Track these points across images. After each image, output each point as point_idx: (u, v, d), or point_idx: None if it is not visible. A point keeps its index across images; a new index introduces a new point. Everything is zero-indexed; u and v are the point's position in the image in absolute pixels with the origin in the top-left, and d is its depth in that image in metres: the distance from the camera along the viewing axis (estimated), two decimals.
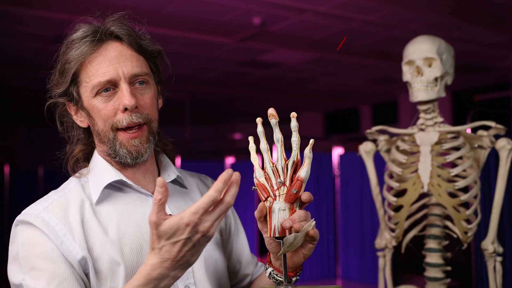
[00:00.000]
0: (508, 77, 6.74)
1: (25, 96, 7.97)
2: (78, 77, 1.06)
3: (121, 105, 1.04)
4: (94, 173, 1.10)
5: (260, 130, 0.97)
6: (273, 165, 0.96)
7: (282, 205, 0.92)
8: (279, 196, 0.93)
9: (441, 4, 4.24)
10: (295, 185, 0.93)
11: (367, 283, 3.98)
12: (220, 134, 11.69)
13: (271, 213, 0.93)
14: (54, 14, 4.17)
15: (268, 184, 0.95)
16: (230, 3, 4.10)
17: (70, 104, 1.10)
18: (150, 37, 1.13)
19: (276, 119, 0.95)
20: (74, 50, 1.05)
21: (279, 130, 0.96)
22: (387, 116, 9.03)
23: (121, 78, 1.04)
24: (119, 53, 1.05)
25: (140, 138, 1.06)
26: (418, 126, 1.93)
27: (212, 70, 6.62)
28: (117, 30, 1.07)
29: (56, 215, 1.02)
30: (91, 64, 1.04)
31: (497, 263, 1.83)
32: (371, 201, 3.90)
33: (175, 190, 1.17)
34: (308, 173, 0.93)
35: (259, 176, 0.96)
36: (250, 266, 1.28)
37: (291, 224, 0.90)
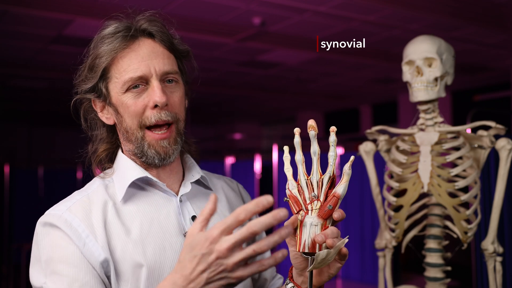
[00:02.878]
0: (508, 77, 6.74)
1: (25, 96, 7.97)
2: (108, 73, 1.05)
3: (152, 102, 1.03)
4: (118, 172, 1.09)
5: (297, 141, 0.95)
6: (307, 178, 0.94)
7: (315, 220, 0.90)
8: (312, 211, 0.91)
9: (441, 4, 4.24)
10: (331, 201, 0.90)
11: (367, 283, 3.98)
12: (220, 134, 11.69)
13: (302, 227, 0.90)
14: (54, 14, 4.17)
15: (301, 197, 0.93)
16: (230, 3, 4.10)
17: (97, 100, 1.09)
18: (180, 37, 1.13)
19: (315, 131, 0.93)
20: (106, 45, 1.04)
21: (317, 143, 0.94)
22: (387, 116, 9.03)
23: (152, 75, 1.03)
24: (152, 50, 1.05)
25: (168, 139, 1.05)
26: (418, 126, 1.93)
27: (212, 70, 6.62)
28: (149, 27, 1.06)
29: (78, 216, 1.00)
30: (122, 59, 1.03)
31: (497, 263, 1.83)
32: (371, 201, 3.90)
33: (199, 191, 1.16)
34: (345, 191, 0.91)
35: (292, 187, 0.94)
36: (268, 271, 1.25)
37: (324, 240, 0.87)
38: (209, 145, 10.38)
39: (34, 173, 7.12)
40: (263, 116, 11.29)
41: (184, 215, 1.08)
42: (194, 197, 1.13)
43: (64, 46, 5.22)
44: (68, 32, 4.69)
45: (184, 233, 1.05)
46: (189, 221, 1.07)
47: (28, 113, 9.69)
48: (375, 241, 2.08)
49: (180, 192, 1.10)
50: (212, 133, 12.22)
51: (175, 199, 1.09)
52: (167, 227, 1.05)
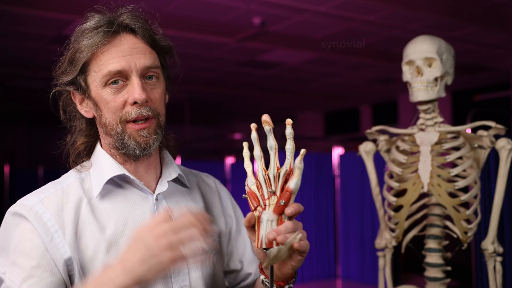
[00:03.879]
0: (508, 77, 6.74)
1: (25, 96, 7.97)
2: (87, 66, 1.05)
3: (131, 98, 1.02)
4: (96, 167, 1.08)
5: (254, 136, 0.94)
6: (265, 173, 0.93)
7: (271, 216, 0.90)
8: (269, 206, 0.91)
9: (441, 4, 4.24)
10: (284, 197, 0.90)
11: (367, 283, 3.97)
12: (220, 134, 11.69)
13: (259, 223, 0.91)
14: (54, 14, 4.17)
15: (259, 193, 0.92)
16: (230, 3, 4.10)
17: (76, 93, 1.08)
18: (162, 32, 1.12)
19: (270, 126, 0.92)
20: (87, 39, 1.03)
21: (273, 137, 0.93)
22: (387, 116, 9.03)
23: (132, 71, 1.03)
24: (133, 46, 1.04)
25: (148, 129, 1.05)
26: (418, 126, 1.93)
27: (212, 70, 6.62)
28: (132, 22, 1.05)
29: (50, 210, 1.00)
30: (103, 54, 1.03)
31: (497, 263, 1.83)
32: (371, 201, 3.90)
33: (175, 189, 1.16)
34: (297, 185, 0.91)
35: (251, 184, 0.93)
36: (252, 265, 1.27)
37: (275, 236, 0.88)
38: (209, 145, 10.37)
39: (34, 173, 7.12)
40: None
41: (159, 214, 1.09)
42: (171, 196, 1.13)
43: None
44: (68, 32, 4.69)
45: None
46: None
47: (28, 113, 9.69)
48: (375, 241, 2.08)
49: (156, 191, 1.10)
50: (212, 133, 12.22)
51: (151, 198, 1.09)
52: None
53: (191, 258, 0.87)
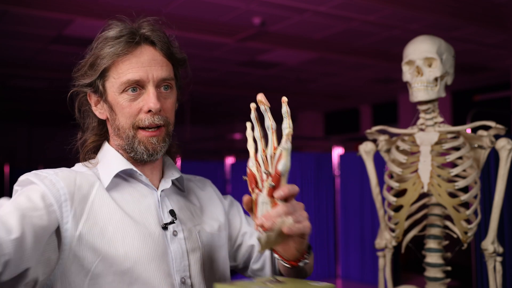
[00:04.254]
0: (508, 77, 6.74)
1: (25, 96, 7.97)
2: (107, 72, 1.10)
3: (146, 107, 1.08)
4: (104, 163, 1.14)
5: (253, 116, 0.94)
6: (264, 153, 0.91)
7: (265, 198, 0.88)
8: (265, 189, 0.89)
9: (441, 4, 4.24)
10: (273, 179, 0.88)
11: (367, 283, 3.97)
12: (220, 134, 11.69)
13: (256, 206, 0.90)
14: (54, 14, 4.18)
15: (259, 174, 0.91)
16: (230, 3, 4.10)
17: (92, 95, 1.14)
18: (178, 45, 1.19)
19: (266, 106, 0.91)
20: (109, 47, 1.09)
21: (270, 116, 0.92)
22: (387, 116, 9.03)
23: (149, 81, 1.09)
24: (152, 57, 1.10)
25: (158, 137, 1.11)
26: (418, 126, 1.93)
27: (212, 70, 6.62)
28: (152, 35, 1.12)
29: (64, 181, 1.05)
30: (123, 63, 1.09)
31: (497, 263, 1.83)
32: (371, 201, 3.90)
33: (175, 191, 1.22)
34: (285, 166, 0.87)
35: (251, 165, 0.92)
36: (252, 237, 1.29)
37: (263, 222, 0.87)
38: (209, 145, 10.37)
39: None
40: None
41: (163, 209, 1.14)
42: (171, 195, 1.19)
43: (64, 46, 5.22)
44: (68, 32, 4.69)
45: (162, 225, 1.11)
46: (167, 215, 1.13)
47: (28, 113, 9.69)
48: (375, 241, 2.08)
49: (160, 187, 1.16)
50: (212, 133, 12.22)
51: (156, 193, 1.15)
52: (147, 218, 1.10)
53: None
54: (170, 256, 1.09)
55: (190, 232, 1.14)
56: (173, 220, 1.11)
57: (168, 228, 1.11)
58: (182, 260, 1.10)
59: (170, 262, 1.08)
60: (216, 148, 10.05)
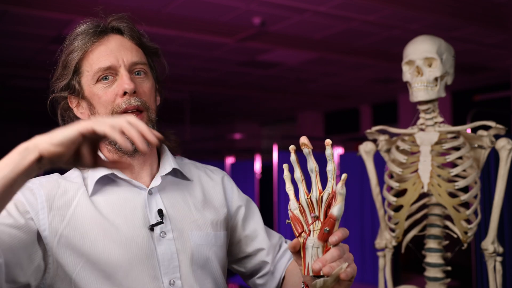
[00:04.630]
0: (508, 77, 6.74)
1: (25, 96, 7.97)
2: (80, 68, 1.11)
3: (121, 89, 1.08)
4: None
5: (294, 159, 0.91)
6: (307, 196, 0.90)
7: (316, 243, 0.87)
8: (313, 232, 0.88)
9: (441, 4, 4.24)
10: (327, 224, 0.87)
11: (367, 283, 3.97)
12: (220, 134, 11.69)
13: (305, 250, 0.88)
14: (54, 14, 4.17)
15: (303, 218, 0.90)
16: (230, 3, 4.10)
17: (72, 97, 1.14)
18: (149, 37, 1.20)
19: (309, 149, 0.89)
20: (77, 41, 1.11)
21: (313, 159, 0.90)
22: (387, 116, 9.03)
23: (121, 66, 1.09)
24: (120, 44, 1.12)
25: None
26: (418, 126, 1.93)
27: (212, 70, 6.62)
28: (118, 24, 1.14)
29: (44, 190, 1.05)
30: (92, 53, 1.10)
31: (497, 263, 1.83)
32: (371, 201, 3.90)
33: (173, 182, 1.18)
34: (341, 211, 0.87)
35: (294, 208, 0.90)
36: (269, 254, 1.25)
37: (321, 267, 0.85)
38: (209, 145, 10.37)
39: None
40: (263, 116, 11.29)
41: (151, 208, 1.11)
42: (166, 190, 1.15)
43: None
44: (68, 32, 4.68)
45: (148, 226, 1.08)
46: (155, 214, 1.10)
47: (28, 113, 9.69)
48: (375, 241, 2.08)
49: (151, 185, 1.13)
50: (212, 133, 12.23)
51: (144, 192, 1.12)
52: (132, 220, 1.08)
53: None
54: (157, 259, 1.06)
55: (181, 231, 1.11)
56: (160, 220, 1.08)
57: (155, 229, 1.08)
58: (171, 261, 1.07)
59: (157, 265, 1.06)
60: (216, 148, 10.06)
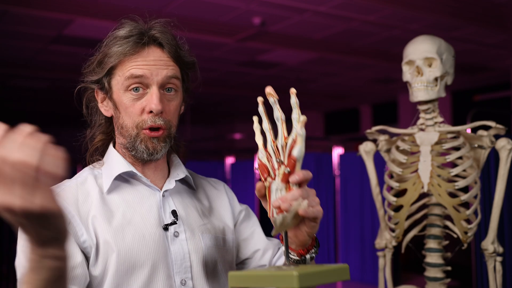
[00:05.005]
0: (508, 77, 6.74)
1: (25, 96, 7.97)
2: (113, 70, 1.13)
3: (148, 107, 1.10)
4: (107, 165, 1.17)
5: (261, 110, 0.97)
6: (274, 144, 0.95)
7: (280, 185, 0.91)
8: (278, 176, 0.92)
9: (441, 4, 4.24)
10: (288, 164, 0.91)
11: (367, 283, 3.98)
12: (220, 134, 11.69)
13: (269, 193, 0.93)
14: (54, 14, 4.17)
15: (270, 164, 0.94)
16: (230, 3, 4.10)
17: (99, 92, 1.17)
18: (189, 48, 1.21)
19: (274, 98, 0.95)
20: (117, 46, 1.11)
21: (279, 108, 0.95)
22: (387, 116, 9.03)
23: (153, 80, 1.10)
24: (158, 58, 1.12)
25: (158, 138, 1.12)
26: (418, 126, 1.93)
27: (212, 70, 6.62)
28: (161, 37, 1.13)
29: (66, 200, 1.07)
30: (129, 61, 1.11)
31: (497, 263, 1.83)
32: (371, 201, 3.90)
33: (182, 188, 1.22)
34: (301, 152, 0.90)
35: (261, 156, 0.96)
36: (265, 255, 1.27)
37: (280, 204, 0.89)
38: (209, 145, 10.37)
39: None
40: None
41: (165, 209, 1.14)
42: (177, 194, 1.19)
43: (64, 46, 5.22)
44: (68, 32, 4.69)
45: (163, 225, 1.12)
46: (169, 215, 1.14)
47: (28, 113, 9.69)
48: (375, 241, 2.09)
49: (164, 188, 1.17)
50: (212, 133, 12.22)
51: (158, 194, 1.16)
52: (148, 218, 1.11)
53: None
54: (170, 258, 1.10)
55: (193, 232, 1.14)
56: (174, 220, 1.12)
57: (169, 229, 1.12)
58: (183, 261, 1.11)
59: (170, 264, 1.09)
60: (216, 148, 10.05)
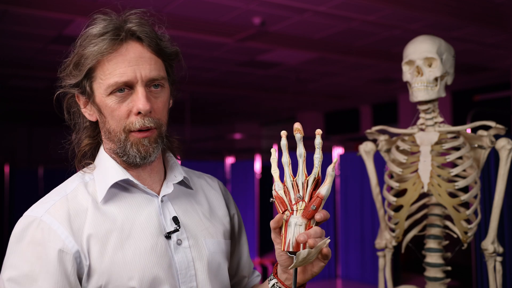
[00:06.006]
0: (508, 77, 6.74)
1: (25, 96, 7.97)
2: (93, 72, 1.04)
3: (135, 108, 1.02)
4: (99, 171, 1.08)
5: (284, 143, 0.98)
6: (293, 179, 0.97)
7: (299, 220, 0.93)
8: (297, 211, 0.94)
9: (441, 4, 4.24)
10: (315, 202, 0.93)
11: (367, 283, 3.98)
12: (220, 134, 11.69)
13: (287, 227, 0.94)
14: (54, 14, 4.17)
15: (287, 198, 0.96)
16: (230, 3, 4.10)
17: (80, 96, 1.08)
18: (169, 37, 1.12)
19: (301, 134, 0.96)
20: (93, 46, 1.02)
21: (303, 145, 0.97)
22: (387, 116, 9.03)
23: (138, 81, 1.02)
24: (139, 55, 1.03)
25: (149, 139, 1.05)
26: (418, 126, 1.93)
27: (212, 70, 6.62)
28: (139, 30, 1.04)
29: (57, 218, 1.00)
30: (109, 62, 1.02)
31: (497, 263, 1.83)
32: (371, 201, 3.90)
33: (180, 190, 1.15)
34: (328, 192, 0.94)
35: (278, 189, 0.97)
36: (245, 268, 1.27)
37: (306, 239, 0.90)
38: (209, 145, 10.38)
39: (34, 173, 7.12)
40: (263, 116, 11.29)
41: (165, 216, 1.08)
42: (176, 198, 1.12)
43: (64, 46, 5.21)
44: (68, 32, 4.69)
45: (164, 233, 1.05)
46: (170, 222, 1.07)
47: (28, 113, 9.69)
48: (375, 241, 2.09)
49: (161, 193, 1.10)
50: (212, 133, 12.22)
51: (156, 200, 1.09)
52: (148, 228, 1.04)
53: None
54: (175, 268, 1.04)
55: (196, 239, 1.09)
56: (176, 228, 1.06)
57: (172, 237, 1.05)
58: (188, 270, 1.05)
59: (175, 274, 1.04)
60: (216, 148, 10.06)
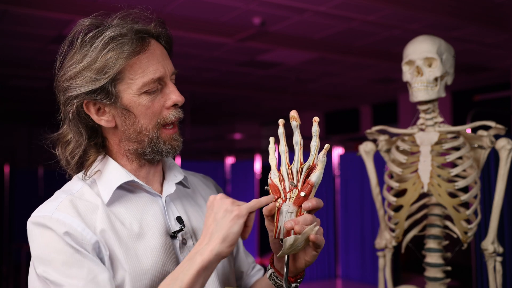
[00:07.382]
0: (508, 77, 6.74)
1: (25, 96, 7.97)
2: (120, 74, 1.01)
3: (171, 101, 1.05)
4: (103, 175, 1.06)
5: (281, 132, 0.98)
6: (289, 167, 0.97)
7: (291, 208, 0.93)
8: (289, 199, 0.95)
9: (441, 4, 4.24)
10: (305, 189, 0.94)
11: (367, 283, 3.98)
12: (220, 134, 11.69)
13: (278, 214, 0.94)
14: (54, 14, 4.17)
15: (281, 186, 0.96)
16: (230, 3, 4.10)
17: (91, 104, 1.03)
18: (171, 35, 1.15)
19: (297, 122, 0.96)
20: (119, 46, 1.00)
21: (299, 133, 0.97)
22: (387, 116, 9.03)
23: (167, 76, 1.06)
24: (162, 51, 1.07)
25: (177, 133, 1.09)
26: (418, 126, 1.93)
27: (212, 70, 6.62)
28: (158, 30, 1.08)
29: (69, 213, 0.98)
30: (140, 61, 1.02)
31: (497, 263, 1.83)
32: (371, 201, 3.90)
33: (179, 190, 1.16)
34: (319, 178, 0.94)
35: (274, 177, 0.97)
36: (243, 263, 1.28)
37: (293, 225, 0.91)
38: (209, 145, 10.38)
39: (34, 173, 7.12)
40: (263, 116, 11.29)
41: (169, 216, 1.09)
42: (176, 197, 1.14)
43: None
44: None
45: (170, 233, 1.06)
46: (174, 222, 1.08)
47: (28, 113, 9.69)
48: (375, 241, 2.09)
49: (164, 192, 1.11)
50: (212, 133, 12.22)
51: (160, 200, 1.10)
52: (155, 227, 1.05)
53: None
54: None
55: (198, 237, 1.10)
56: (181, 227, 1.06)
57: (177, 236, 1.06)
58: None
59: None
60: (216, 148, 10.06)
